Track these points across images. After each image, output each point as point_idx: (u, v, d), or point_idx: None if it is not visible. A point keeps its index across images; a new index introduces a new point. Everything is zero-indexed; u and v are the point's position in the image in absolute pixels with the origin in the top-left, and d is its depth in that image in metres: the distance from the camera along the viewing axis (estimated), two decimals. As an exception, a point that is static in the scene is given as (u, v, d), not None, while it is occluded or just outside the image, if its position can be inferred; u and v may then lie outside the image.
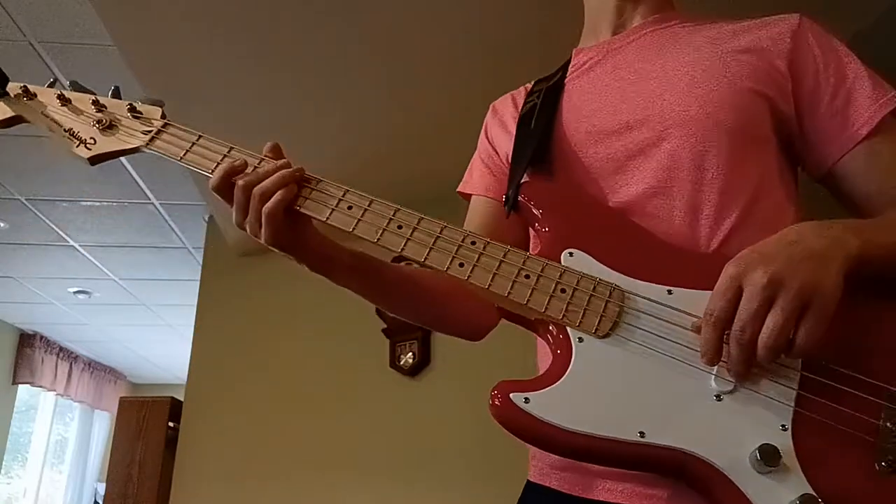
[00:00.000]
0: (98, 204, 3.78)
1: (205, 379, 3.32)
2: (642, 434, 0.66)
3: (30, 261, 4.59)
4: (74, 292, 5.20)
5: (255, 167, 0.82)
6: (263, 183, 0.79)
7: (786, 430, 0.66)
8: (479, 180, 1.02)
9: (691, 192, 0.80)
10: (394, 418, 2.93)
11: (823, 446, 0.66)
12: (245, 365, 3.25)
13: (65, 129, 0.89)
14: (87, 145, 0.88)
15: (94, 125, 0.89)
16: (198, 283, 3.57)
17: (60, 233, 4.13)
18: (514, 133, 0.94)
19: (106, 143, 0.88)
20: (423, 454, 2.82)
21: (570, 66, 0.97)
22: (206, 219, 3.70)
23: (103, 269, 4.70)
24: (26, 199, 3.73)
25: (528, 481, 0.87)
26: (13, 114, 0.91)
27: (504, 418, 0.68)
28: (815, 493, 0.62)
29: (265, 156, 0.84)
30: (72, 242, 4.27)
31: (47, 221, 3.97)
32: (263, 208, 0.78)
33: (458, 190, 1.05)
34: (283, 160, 0.83)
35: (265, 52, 2.23)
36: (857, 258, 0.67)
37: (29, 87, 0.92)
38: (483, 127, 1.05)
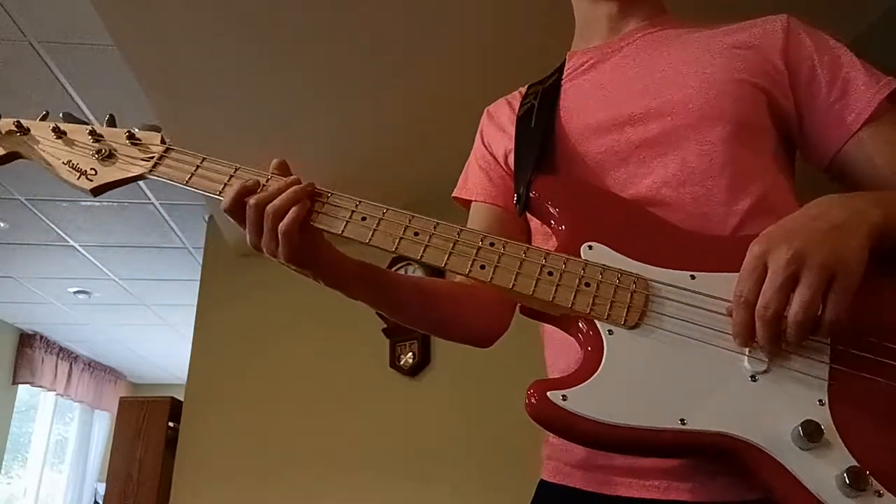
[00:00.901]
0: (98, 204, 3.78)
1: (205, 379, 3.32)
2: (683, 421, 0.66)
3: (30, 261, 4.59)
4: (74, 292, 5.20)
5: (265, 185, 0.81)
6: (275, 201, 0.77)
7: (823, 404, 0.66)
8: (476, 186, 1.01)
9: (700, 180, 0.80)
10: (394, 418, 2.93)
11: (861, 418, 0.66)
12: (245, 365, 3.25)
13: (63, 162, 0.88)
14: (88, 177, 0.87)
15: (92, 156, 0.88)
16: (198, 283, 3.57)
17: (60, 233, 4.13)
18: (514, 134, 0.94)
19: (107, 173, 0.87)
20: (424, 454, 2.82)
21: (566, 68, 0.98)
22: (206, 219, 3.70)
23: (103, 269, 4.70)
24: (26, 199, 3.73)
25: (543, 480, 0.87)
26: (6, 151, 0.90)
27: (542, 417, 0.68)
28: (860, 466, 0.62)
29: (273, 173, 0.83)
30: (72, 242, 4.27)
31: (47, 221, 3.97)
32: (279, 226, 0.77)
33: (453, 195, 1.05)
34: (293, 176, 0.82)
35: (266, 52, 2.22)
36: (881, 228, 0.67)
37: (22, 121, 0.91)
38: (478, 131, 1.04)
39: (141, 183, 3.51)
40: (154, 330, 6.14)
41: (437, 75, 2.34)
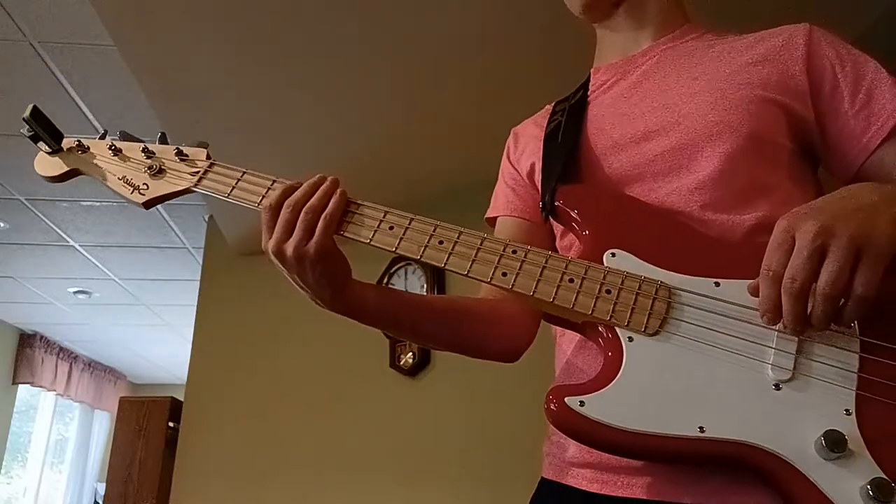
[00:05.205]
0: (98, 204, 3.78)
1: (205, 379, 3.32)
2: (702, 429, 0.66)
3: (30, 261, 4.59)
4: (74, 292, 5.20)
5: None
6: (313, 199, 0.80)
7: (849, 414, 0.65)
8: (503, 202, 1.02)
9: (709, 191, 0.80)
10: (394, 418, 2.93)
11: (890, 428, 0.64)
12: (245, 365, 3.25)
13: (118, 178, 0.94)
14: (141, 191, 0.92)
15: (144, 171, 0.93)
16: (198, 283, 3.57)
17: (60, 233, 4.13)
18: (542, 150, 0.95)
19: (157, 188, 0.92)
20: (423, 454, 2.82)
21: (591, 84, 1.00)
22: (206, 219, 3.70)
23: (103, 269, 4.70)
24: (26, 199, 3.73)
25: (543, 478, 0.88)
26: (68, 168, 0.95)
27: (561, 423, 0.69)
28: (886, 477, 0.61)
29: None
30: (72, 242, 4.27)
31: (47, 221, 3.97)
32: (319, 220, 0.78)
33: (485, 217, 1.05)
34: (332, 177, 0.83)
35: (266, 52, 2.22)
36: None
37: (82, 140, 0.97)
38: (505, 152, 1.06)
39: (141, 183, 3.53)
40: (154, 330, 6.14)
41: (440, 74, 2.34)
